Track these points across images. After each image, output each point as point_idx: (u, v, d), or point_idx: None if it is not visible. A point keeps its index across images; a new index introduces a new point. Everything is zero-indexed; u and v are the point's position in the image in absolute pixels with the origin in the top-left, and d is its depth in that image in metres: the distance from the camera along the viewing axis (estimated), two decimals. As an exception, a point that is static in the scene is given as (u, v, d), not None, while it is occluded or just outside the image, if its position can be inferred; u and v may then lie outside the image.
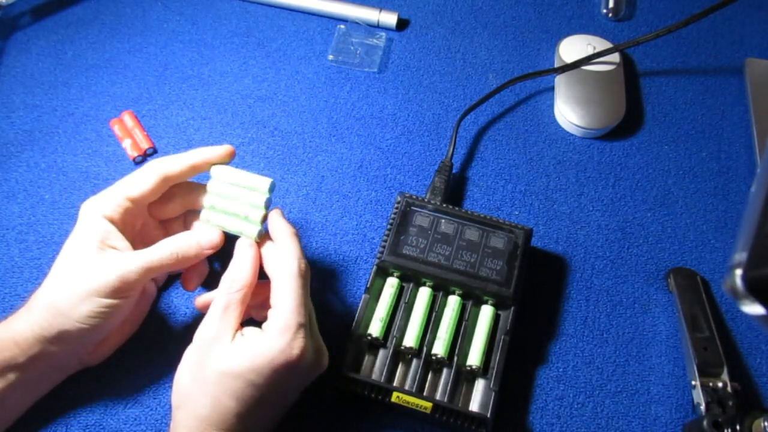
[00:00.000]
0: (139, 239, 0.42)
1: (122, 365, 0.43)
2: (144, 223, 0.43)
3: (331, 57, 0.59)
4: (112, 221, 0.39)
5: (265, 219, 0.41)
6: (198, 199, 0.43)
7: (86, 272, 0.37)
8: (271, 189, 0.41)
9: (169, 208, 0.43)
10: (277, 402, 0.38)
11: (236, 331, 0.37)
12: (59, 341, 0.37)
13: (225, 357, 0.35)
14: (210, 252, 0.41)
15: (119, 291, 0.37)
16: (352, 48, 0.60)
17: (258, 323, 0.38)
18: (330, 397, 0.43)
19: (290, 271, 0.37)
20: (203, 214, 0.41)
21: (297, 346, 0.35)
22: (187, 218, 0.45)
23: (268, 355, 0.35)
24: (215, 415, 0.35)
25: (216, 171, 0.42)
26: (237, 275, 0.39)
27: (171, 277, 0.47)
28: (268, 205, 0.41)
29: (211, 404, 0.35)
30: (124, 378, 0.43)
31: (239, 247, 0.40)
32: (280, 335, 0.35)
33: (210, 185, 0.42)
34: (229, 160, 0.42)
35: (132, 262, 0.37)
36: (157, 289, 0.46)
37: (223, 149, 0.42)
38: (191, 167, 0.41)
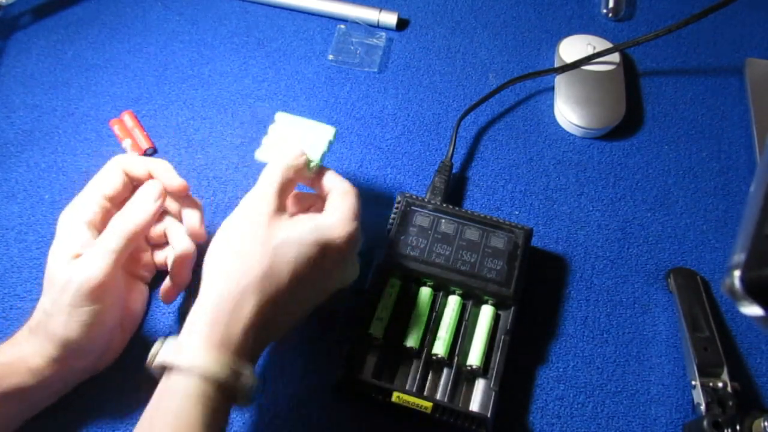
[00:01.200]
0: None
1: (122, 365, 0.43)
2: None
3: (331, 57, 0.59)
4: (94, 226, 0.39)
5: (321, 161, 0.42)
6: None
7: (62, 287, 0.37)
8: (335, 136, 0.43)
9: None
10: (314, 289, 0.39)
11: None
12: (69, 358, 0.38)
13: (290, 227, 0.37)
14: (163, 198, 0.41)
15: (94, 295, 0.37)
16: (352, 48, 0.60)
17: None
18: (330, 397, 0.43)
19: (349, 188, 0.40)
20: (258, 153, 0.42)
21: (357, 232, 0.39)
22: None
23: (333, 231, 0.37)
24: (266, 281, 0.35)
25: (280, 117, 0.43)
26: (290, 162, 0.40)
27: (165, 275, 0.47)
28: (328, 151, 0.42)
29: (266, 268, 0.35)
30: (122, 377, 0.43)
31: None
32: (348, 220, 0.38)
33: (272, 128, 0.43)
34: (182, 194, 0.42)
35: (92, 263, 0.37)
36: (147, 284, 0.45)
37: (177, 182, 0.42)
38: (149, 173, 0.42)
